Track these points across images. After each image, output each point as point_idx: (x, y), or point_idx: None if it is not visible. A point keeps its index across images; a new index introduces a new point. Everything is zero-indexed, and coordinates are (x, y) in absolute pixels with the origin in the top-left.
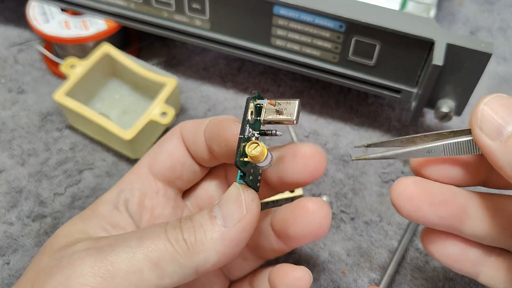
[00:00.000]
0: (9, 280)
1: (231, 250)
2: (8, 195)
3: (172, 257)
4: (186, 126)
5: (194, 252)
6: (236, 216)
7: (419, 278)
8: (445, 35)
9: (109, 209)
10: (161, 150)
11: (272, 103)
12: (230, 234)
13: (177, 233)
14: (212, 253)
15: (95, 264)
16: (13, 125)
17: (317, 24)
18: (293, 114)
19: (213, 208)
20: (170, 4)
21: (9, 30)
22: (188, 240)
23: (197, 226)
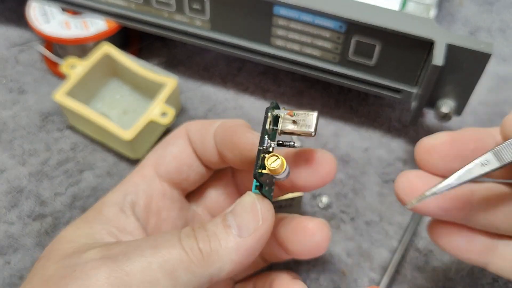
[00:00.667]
0: (10, 280)
1: (245, 259)
2: (9, 195)
3: (187, 266)
4: (192, 127)
5: (209, 262)
6: (252, 226)
7: (419, 278)
8: (445, 35)
9: (114, 212)
10: (167, 151)
11: (291, 113)
12: (245, 244)
13: (192, 242)
14: (227, 263)
15: (110, 274)
16: (14, 125)
17: (317, 24)
18: (311, 126)
19: (226, 216)
20: (170, 4)
21: (9, 31)
22: (203, 249)
23: (212, 235)
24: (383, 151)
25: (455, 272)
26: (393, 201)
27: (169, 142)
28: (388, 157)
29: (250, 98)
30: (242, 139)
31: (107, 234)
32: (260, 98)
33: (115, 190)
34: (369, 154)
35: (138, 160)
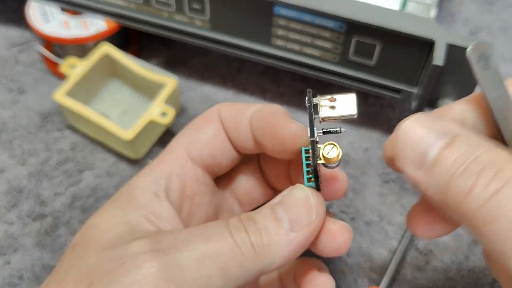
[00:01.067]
0: (10, 280)
1: (295, 254)
2: (9, 195)
3: (239, 261)
4: (226, 111)
5: (261, 256)
6: (305, 221)
7: (419, 278)
8: (445, 35)
9: (148, 197)
10: (200, 135)
11: (332, 99)
12: (296, 239)
13: (243, 236)
14: (278, 258)
15: (164, 269)
16: (13, 125)
17: (317, 24)
18: (353, 109)
19: (275, 209)
20: (170, 4)
21: (9, 31)
22: (256, 244)
23: (263, 229)
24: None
25: (455, 272)
26: (393, 201)
27: (201, 124)
28: None
29: (250, 98)
30: (285, 130)
31: (145, 221)
32: (260, 98)
33: (146, 174)
34: (369, 154)
35: (138, 160)
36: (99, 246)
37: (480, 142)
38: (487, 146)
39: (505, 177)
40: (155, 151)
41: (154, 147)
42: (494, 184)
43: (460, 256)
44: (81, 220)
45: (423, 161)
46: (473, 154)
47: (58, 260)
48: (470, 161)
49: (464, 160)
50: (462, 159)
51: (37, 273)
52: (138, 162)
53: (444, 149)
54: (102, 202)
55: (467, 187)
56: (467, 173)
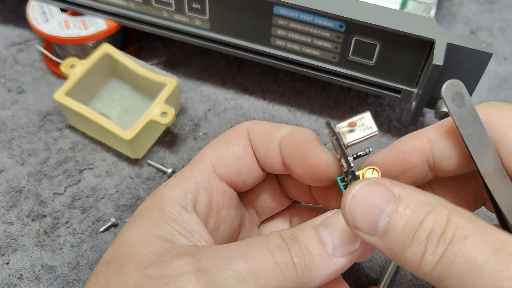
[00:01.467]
0: (9, 280)
1: (333, 277)
2: (8, 195)
3: (279, 282)
4: (255, 131)
5: (301, 278)
6: (348, 249)
7: (419, 278)
8: (445, 35)
9: (178, 211)
10: (229, 151)
11: (353, 124)
12: (338, 265)
13: (286, 256)
14: (317, 280)
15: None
16: (12, 125)
17: (317, 24)
18: (373, 126)
19: (320, 231)
20: (170, 4)
21: (8, 30)
22: (298, 265)
23: (306, 250)
24: None
25: None
26: None
27: (230, 141)
28: None
29: (249, 98)
30: (316, 158)
31: (178, 235)
32: (259, 98)
33: (174, 186)
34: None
35: (138, 160)
36: (138, 263)
37: (422, 202)
38: (430, 206)
39: (447, 238)
40: (155, 151)
41: (154, 147)
42: (440, 247)
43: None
44: (80, 220)
45: (376, 230)
46: (418, 219)
47: (57, 260)
48: (417, 228)
49: (412, 227)
50: (410, 226)
51: (36, 273)
52: (138, 162)
53: (392, 217)
54: (102, 202)
55: (419, 255)
56: (417, 242)
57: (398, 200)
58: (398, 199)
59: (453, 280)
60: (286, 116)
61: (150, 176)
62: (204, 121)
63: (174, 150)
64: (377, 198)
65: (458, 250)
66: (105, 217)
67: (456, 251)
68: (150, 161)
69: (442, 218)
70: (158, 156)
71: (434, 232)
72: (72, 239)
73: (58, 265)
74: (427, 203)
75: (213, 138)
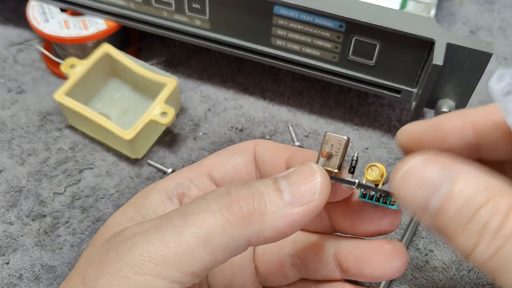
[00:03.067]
0: (9, 280)
1: (288, 230)
2: (8, 195)
3: (222, 228)
4: (263, 148)
5: (248, 221)
6: (306, 198)
7: (419, 278)
8: (445, 35)
9: (161, 199)
10: (228, 160)
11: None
12: (293, 214)
13: (229, 200)
14: (269, 228)
15: (143, 251)
16: (12, 125)
17: (317, 24)
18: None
19: (278, 180)
20: (170, 4)
21: (8, 30)
22: (244, 207)
23: (257, 193)
24: (383, 151)
25: (455, 272)
26: None
27: (234, 152)
28: (388, 157)
29: (250, 98)
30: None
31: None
32: (259, 98)
33: (167, 178)
34: (369, 154)
35: (138, 160)
36: (101, 241)
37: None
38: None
39: (505, 234)
40: (155, 151)
41: (154, 147)
42: (496, 242)
43: (460, 256)
44: (80, 219)
45: (426, 209)
46: (474, 206)
47: (57, 260)
48: (471, 217)
49: (466, 214)
50: (464, 213)
51: (36, 273)
52: (138, 162)
53: (445, 199)
54: (102, 202)
55: (471, 245)
56: (470, 231)
57: (455, 180)
58: (455, 179)
59: (505, 279)
60: (286, 116)
61: (150, 176)
62: (204, 121)
63: (174, 150)
64: (431, 175)
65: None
66: (105, 217)
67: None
68: (150, 161)
69: (500, 209)
70: (158, 156)
71: (490, 225)
72: (72, 239)
73: (58, 265)
74: (487, 189)
75: (213, 138)
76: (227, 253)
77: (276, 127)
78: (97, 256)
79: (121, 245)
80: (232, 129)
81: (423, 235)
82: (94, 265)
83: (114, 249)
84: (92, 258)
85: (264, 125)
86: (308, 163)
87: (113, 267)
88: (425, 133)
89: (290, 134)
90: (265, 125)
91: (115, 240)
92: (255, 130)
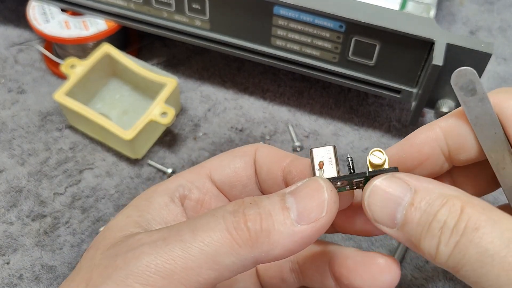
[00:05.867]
0: (9, 280)
1: (297, 248)
2: (8, 195)
3: (230, 248)
4: (263, 153)
5: (256, 242)
6: (314, 216)
7: (419, 278)
8: (445, 35)
9: (164, 202)
10: (229, 163)
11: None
12: (302, 232)
13: (237, 221)
14: (277, 248)
15: (150, 262)
16: (13, 125)
17: (317, 24)
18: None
19: (286, 197)
20: (170, 4)
21: (9, 30)
22: (252, 228)
23: (265, 213)
24: None
25: None
26: None
27: (235, 155)
28: None
29: (249, 98)
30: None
31: (156, 223)
32: (259, 98)
33: (168, 181)
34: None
35: (138, 160)
36: (106, 245)
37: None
38: (444, 198)
39: (460, 230)
40: (155, 151)
41: (154, 147)
42: (452, 239)
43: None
44: (80, 220)
45: (394, 223)
46: (433, 211)
47: (57, 260)
48: (431, 220)
49: (427, 219)
50: (425, 218)
51: (36, 273)
52: (138, 162)
53: (408, 210)
54: (102, 202)
55: (434, 246)
56: (431, 234)
57: (414, 193)
58: (414, 192)
59: (467, 270)
60: (286, 116)
61: (150, 176)
62: (204, 121)
63: (174, 150)
64: (394, 191)
65: (470, 242)
66: (105, 217)
67: (468, 242)
68: (150, 161)
69: (455, 210)
70: (158, 156)
71: (447, 224)
72: (72, 239)
73: (58, 265)
74: (441, 195)
75: (213, 138)
76: (233, 272)
77: (276, 127)
78: (103, 260)
79: (128, 254)
80: (232, 129)
81: None
82: (99, 269)
83: (121, 256)
84: (97, 262)
85: (264, 125)
86: (314, 177)
87: (119, 274)
88: (402, 152)
89: (290, 134)
90: (265, 125)
91: (122, 247)
92: (255, 130)
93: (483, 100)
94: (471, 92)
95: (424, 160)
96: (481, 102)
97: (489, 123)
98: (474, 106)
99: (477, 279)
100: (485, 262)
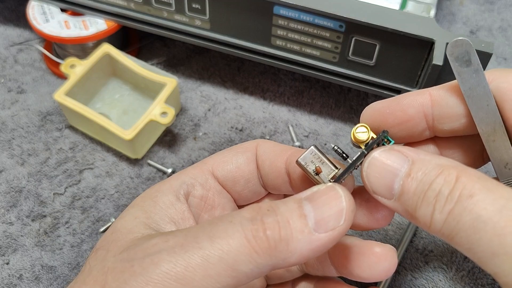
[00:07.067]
0: (9, 280)
1: (313, 254)
2: (8, 195)
3: (248, 256)
4: (264, 147)
5: (275, 251)
6: (332, 224)
7: (419, 278)
8: (445, 35)
9: (170, 200)
10: (231, 159)
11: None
12: (319, 240)
13: (256, 229)
14: (295, 255)
15: (170, 270)
16: (12, 125)
17: (317, 24)
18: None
19: (303, 204)
20: (170, 4)
21: (9, 30)
22: (271, 237)
23: (284, 222)
24: None
25: (455, 272)
26: None
27: (237, 151)
28: None
29: (249, 98)
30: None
31: (166, 223)
32: (259, 98)
33: (171, 179)
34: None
35: (138, 160)
36: (119, 248)
37: (434, 165)
38: (440, 168)
39: (454, 197)
40: (155, 151)
41: (154, 147)
42: (447, 206)
43: (460, 256)
44: (80, 220)
45: (392, 193)
46: (429, 180)
47: (57, 260)
48: (426, 189)
49: (422, 188)
50: (421, 187)
51: (36, 273)
52: (138, 162)
53: (405, 180)
54: (102, 202)
55: (429, 214)
56: (426, 202)
57: (411, 164)
58: (412, 163)
59: (461, 236)
60: (286, 116)
61: (150, 176)
62: (204, 121)
63: (174, 150)
64: (391, 163)
65: (464, 209)
66: (105, 217)
67: (462, 209)
68: (150, 161)
69: (451, 179)
70: (158, 156)
71: (442, 192)
72: (72, 239)
73: (58, 265)
74: (438, 165)
75: (213, 138)
76: (250, 278)
77: (276, 127)
78: (117, 264)
79: (145, 259)
80: (232, 129)
81: (423, 235)
82: (115, 273)
83: (138, 261)
84: (110, 265)
85: (264, 125)
86: (331, 185)
87: (138, 280)
88: (387, 107)
89: (290, 134)
90: (265, 125)
91: (137, 251)
92: (255, 130)
93: (477, 71)
94: (466, 63)
95: (406, 120)
96: (476, 73)
97: (482, 94)
98: (468, 77)
99: (470, 245)
100: (478, 228)
